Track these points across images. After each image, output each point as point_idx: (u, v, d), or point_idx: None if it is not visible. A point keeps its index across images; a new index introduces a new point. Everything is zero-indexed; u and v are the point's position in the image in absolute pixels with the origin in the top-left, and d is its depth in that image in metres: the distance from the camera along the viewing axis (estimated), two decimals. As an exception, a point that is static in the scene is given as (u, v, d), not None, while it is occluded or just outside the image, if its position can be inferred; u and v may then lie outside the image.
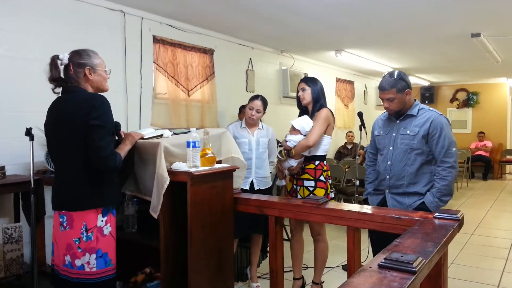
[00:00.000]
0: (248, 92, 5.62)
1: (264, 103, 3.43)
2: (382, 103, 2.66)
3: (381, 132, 2.73)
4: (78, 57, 2.07)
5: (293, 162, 2.95)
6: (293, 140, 2.93)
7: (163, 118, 4.44)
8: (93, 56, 2.11)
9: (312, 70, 6.97)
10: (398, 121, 2.65)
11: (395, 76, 2.54)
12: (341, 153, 7.41)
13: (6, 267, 2.93)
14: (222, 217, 2.39)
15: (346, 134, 7.49)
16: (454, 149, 2.52)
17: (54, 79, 2.08)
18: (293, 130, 2.97)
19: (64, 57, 2.06)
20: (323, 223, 3.03)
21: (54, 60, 2.07)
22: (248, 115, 3.41)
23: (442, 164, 2.50)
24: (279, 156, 2.99)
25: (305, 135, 2.96)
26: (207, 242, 2.28)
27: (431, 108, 2.62)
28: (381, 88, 2.58)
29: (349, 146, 7.44)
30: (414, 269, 1.22)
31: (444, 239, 1.59)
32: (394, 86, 2.52)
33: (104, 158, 1.96)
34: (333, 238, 4.81)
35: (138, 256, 2.64)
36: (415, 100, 2.67)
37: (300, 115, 3.17)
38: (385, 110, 2.73)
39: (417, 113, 2.58)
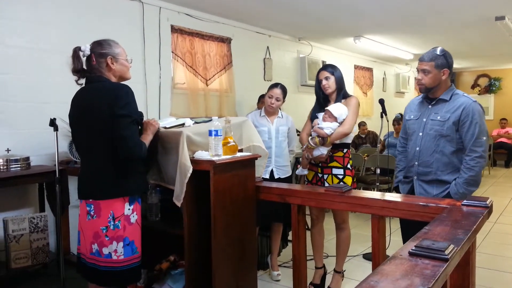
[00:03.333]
0: (265, 80, 5.59)
1: (284, 91, 3.40)
2: (417, 74, 2.57)
3: (412, 117, 2.64)
4: (100, 47, 2.08)
5: (324, 150, 2.89)
6: (331, 127, 2.87)
7: (182, 108, 4.45)
8: (114, 45, 2.12)
9: (330, 57, 6.88)
10: (430, 106, 2.55)
11: (438, 52, 2.46)
12: (355, 143, 7.33)
13: (32, 255, 3.00)
14: (245, 205, 2.39)
15: (359, 127, 7.38)
16: (484, 138, 2.41)
17: (77, 71, 2.10)
18: (329, 117, 2.91)
19: (86, 48, 2.07)
20: (348, 211, 3.00)
21: (76, 51, 2.08)
22: (267, 103, 3.39)
23: (470, 153, 2.40)
24: (311, 143, 2.88)
25: (339, 123, 2.92)
26: (230, 230, 2.28)
27: (465, 94, 2.51)
28: (421, 58, 2.50)
29: (363, 136, 7.37)
30: (447, 257, 1.19)
31: (474, 227, 1.55)
32: (434, 60, 2.44)
33: (130, 148, 1.98)
34: (353, 227, 4.76)
35: (162, 244, 2.66)
36: (452, 84, 2.56)
37: (318, 104, 3.12)
38: (405, 97, 2.66)
39: (450, 98, 2.48)
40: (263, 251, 3.68)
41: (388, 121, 3.85)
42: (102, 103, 1.98)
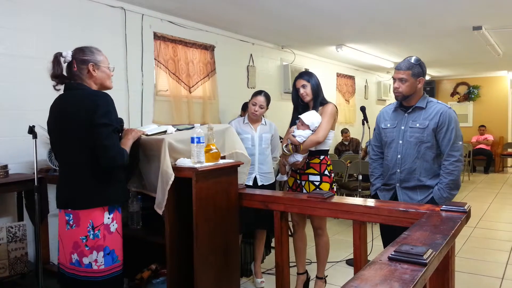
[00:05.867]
0: (249, 88, 5.61)
1: (267, 98, 3.42)
2: (392, 83, 2.63)
3: (388, 125, 2.69)
4: (81, 54, 2.05)
5: (299, 157, 2.93)
6: (303, 135, 2.89)
7: (164, 115, 4.43)
8: (96, 52, 2.10)
9: (313, 65, 6.95)
10: (406, 114, 2.61)
11: (414, 61, 2.54)
12: (339, 150, 7.41)
13: (10, 266, 2.92)
14: (227, 212, 2.38)
15: (342, 134, 7.46)
16: (460, 143, 2.50)
17: (56, 76, 2.06)
18: (302, 125, 2.94)
19: (68, 54, 2.04)
20: (326, 217, 3.02)
21: (57, 57, 2.05)
22: (251, 110, 3.40)
23: (448, 158, 2.48)
24: (285, 150, 2.93)
25: (313, 130, 2.94)
26: (212, 237, 2.27)
27: (439, 101, 2.60)
28: (397, 67, 2.57)
29: (346, 142, 7.45)
30: (425, 261, 1.21)
31: (453, 231, 1.58)
32: (411, 69, 2.51)
33: (112, 157, 1.95)
34: (336, 233, 4.82)
35: (143, 253, 2.63)
36: (424, 92, 2.64)
37: (296, 112, 3.14)
38: (387, 104, 2.71)
39: (426, 105, 2.56)
40: (246, 258, 3.67)
41: (369, 128, 3.90)
42: (81, 111, 1.96)
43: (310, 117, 2.93)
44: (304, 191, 2.97)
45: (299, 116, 2.98)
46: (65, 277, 2.06)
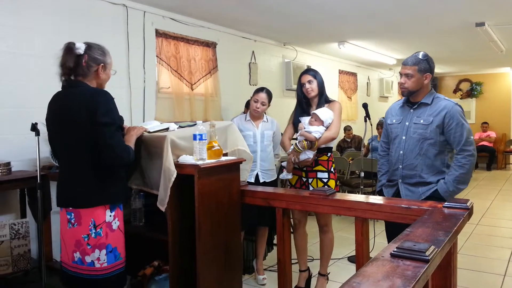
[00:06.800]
0: (251, 85, 5.60)
1: (269, 95, 3.42)
2: (399, 78, 2.61)
3: (394, 121, 2.68)
4: (95, 52, 2.04)
5: (310, 154, 2.91)
6: (319, 131, 2.89)
7: (167, 112, 4.43)
8: (107, 54, 2.11)
9: (315, 62, 6.94)
10: (412, 110, 2.59)
11: (421, 56, 2.51)
12: (341, 147, 7.40)
13: (13, 262, 2.93)
14: (229, 209, 2.38)
15: (345, 131, 7.46)
16: (472, 137, 2.49)
17: (67, 67, 2.00)
18: (315, 121, 2.93)
19: (81, 47, 2.00)
20: (331, 214, 3.02)
21: (71, 47, 2.00)
22: (253, 107, 3.40)
23: (462, 152, 2.45)
24: (298, 147, 2.90)
25: (326, 127, 2.94)
26: (214, 234, 2.28)
27: (446, 98, 2.57)
28: (404, 62, 2.55)
29: (348, 139, 7.44)
30: (427, 258, 1.21)
31: (455, 228, 1.58)
32: (417, 64, 2.49)
33: (117, 156, 1.95)
34: (338, 230, 4.82)
35: (146, 250, 2.64)
36: (432, 88, 2.61)
37: (301, 108, 3.13)
38: (389, 101, 2.70)
39: (432, 102, 2.53)
40: (248, 255, 3.67)
41: (371, 125, 3.90)
42: (81, 109, 1.94)
43: (326, 113, 2.94)
44: (311, 188, 2.96)
45: (314, 112, 2.97)
46: (67, 275, 2.06)
